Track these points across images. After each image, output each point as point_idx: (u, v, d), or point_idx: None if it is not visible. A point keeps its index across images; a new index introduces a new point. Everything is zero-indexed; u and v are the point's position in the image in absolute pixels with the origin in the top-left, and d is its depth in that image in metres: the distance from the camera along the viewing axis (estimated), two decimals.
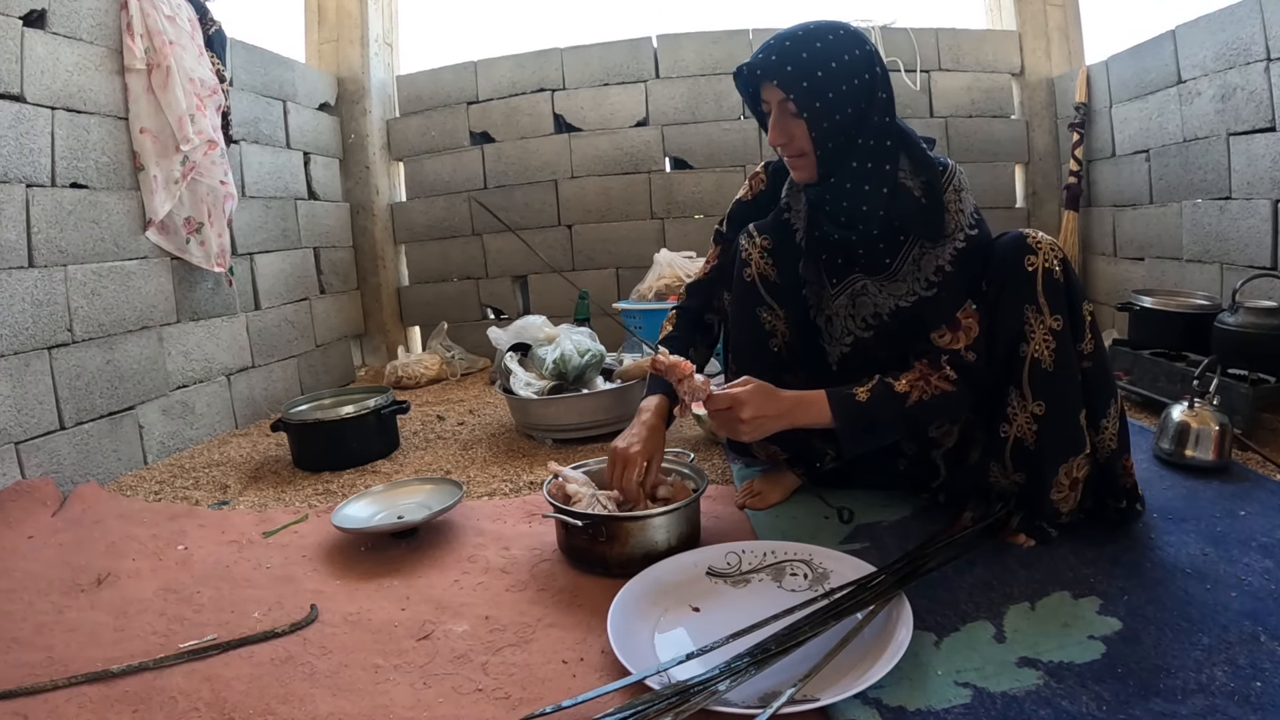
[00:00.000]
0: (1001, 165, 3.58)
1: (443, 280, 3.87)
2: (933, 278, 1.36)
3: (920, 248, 1.38)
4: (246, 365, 2.87)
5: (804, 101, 1.29)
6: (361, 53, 3.73)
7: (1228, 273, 2.48)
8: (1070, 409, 1.29)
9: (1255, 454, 1.74)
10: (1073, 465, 1.30)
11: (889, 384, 1.35)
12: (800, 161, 1.38)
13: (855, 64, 1.30)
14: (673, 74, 3.58)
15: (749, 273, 1.53)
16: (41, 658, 1.21)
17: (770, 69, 1.31)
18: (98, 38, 2.24)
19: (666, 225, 3.61)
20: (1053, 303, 1.27)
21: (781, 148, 1.37)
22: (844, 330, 1.50)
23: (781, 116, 1.34)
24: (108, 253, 2.26)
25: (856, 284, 1.46)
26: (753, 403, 1.33)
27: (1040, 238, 1.31)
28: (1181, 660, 1.00)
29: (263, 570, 1.51)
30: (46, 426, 2.04)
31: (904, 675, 1.00)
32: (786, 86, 1.30)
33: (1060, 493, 1.31)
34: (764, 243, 1.53)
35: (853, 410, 1.34)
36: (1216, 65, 2.48)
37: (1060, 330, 1.27)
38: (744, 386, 1.34)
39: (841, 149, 1.33)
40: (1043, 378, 1.28)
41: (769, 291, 1.52)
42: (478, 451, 2.28)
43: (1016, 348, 1.30)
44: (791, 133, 1.34)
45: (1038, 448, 1.31)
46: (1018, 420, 1.32)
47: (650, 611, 1.20)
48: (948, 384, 1.33)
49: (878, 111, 1.32)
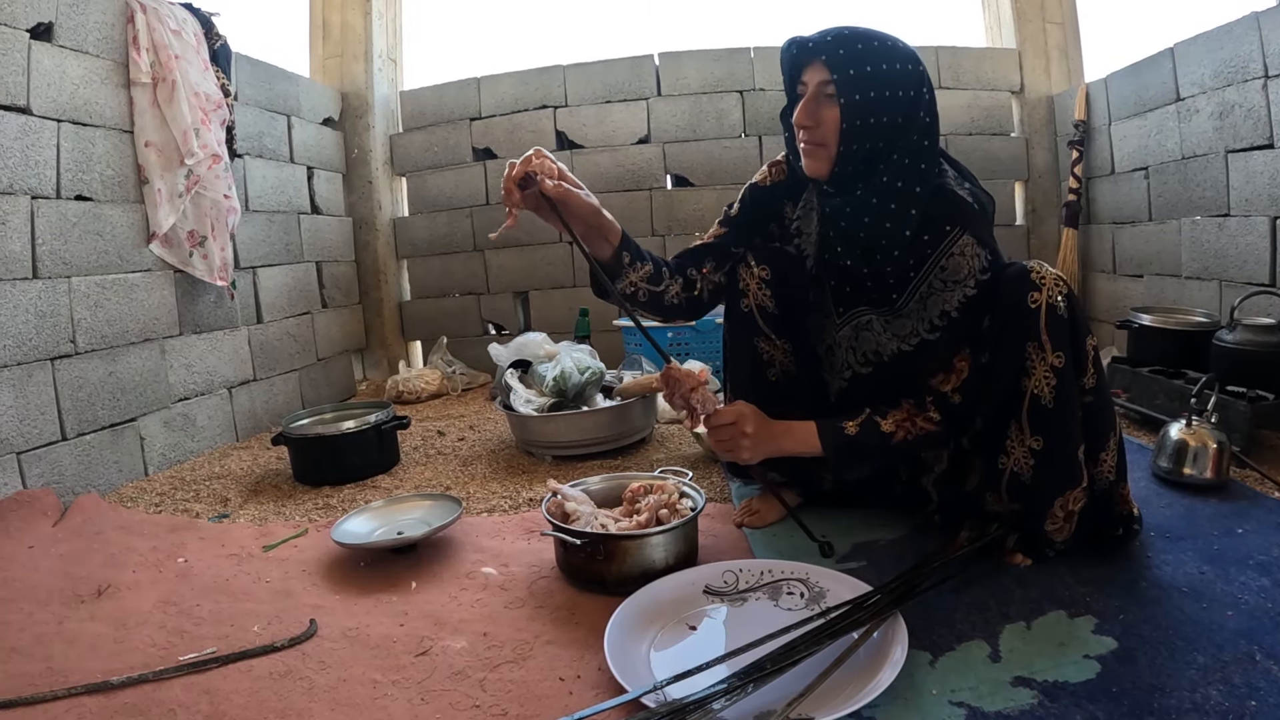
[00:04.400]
0: (1001, 183, 3.59)
1: (444, 295, 3.89)
2: (937, 321, 1.36)
3: (929, 285, 1.35)
4: (248, 378, 2.88)
5: (845, 89, 1.26)
6: (365, 68, 3.77)
7: (1226, 290, 2.49)
8: (1068, 445, 1.29)
9: (1253, 472, 1.74)
10: (1069, 499, 1.30)
11: (876, 422, 1.38)
12: (818, 151, 1.33)
13: (906, 77, 1.28)
14: (674, 92, 3.61)
15: (746, 303, 1.52)
16: (41, 668, 1.21)
17: (822, 46, 1.27)
18: (104, 51, 2.26)
19: (668, 242, 3.61)
20: (1055, 339, 1.26)
21: (805, 131, 1.33)
22: (844, 364, 1.50)
23: (816, 98, 1.30)
24: (111, 265, 2.27)
25: (862, 317, 1.45)
26: (753, 419, 1.37)
27: (1045, 272, 1.28)
28: (1177, 680, 1.00)
29: (262, 584, 1.52)
30: (48, 437, 2.05)
31: (899, 695, 1.00)
32: (833, 67, 1.26)
33: (1054, 524, 1.31)
34: (762, 273, 1.52)
35: (842, 442, 1.39)
36: (1215, 83, 2.49)
37: (1061, 368, 1.26)
38: (738, 407, 1.38)
39: (867, 156, 1.30)
40: (1042, 414, 1.28)
41: (766, 322, 1.52)
42: (477, 468, 2.29)
43: (1018, 382, 1.29)
44: (821, 117, 1.30)
45: (1034, 481, 1.31)
46: (1015, 454, 1.32)
47: (647, 629, 1.20)
48: (931, 424, 1.37)
49: (918, 131, 1.30)
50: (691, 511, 1.46)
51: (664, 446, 2.39)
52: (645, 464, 2.20)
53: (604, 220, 1.42)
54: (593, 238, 1.44)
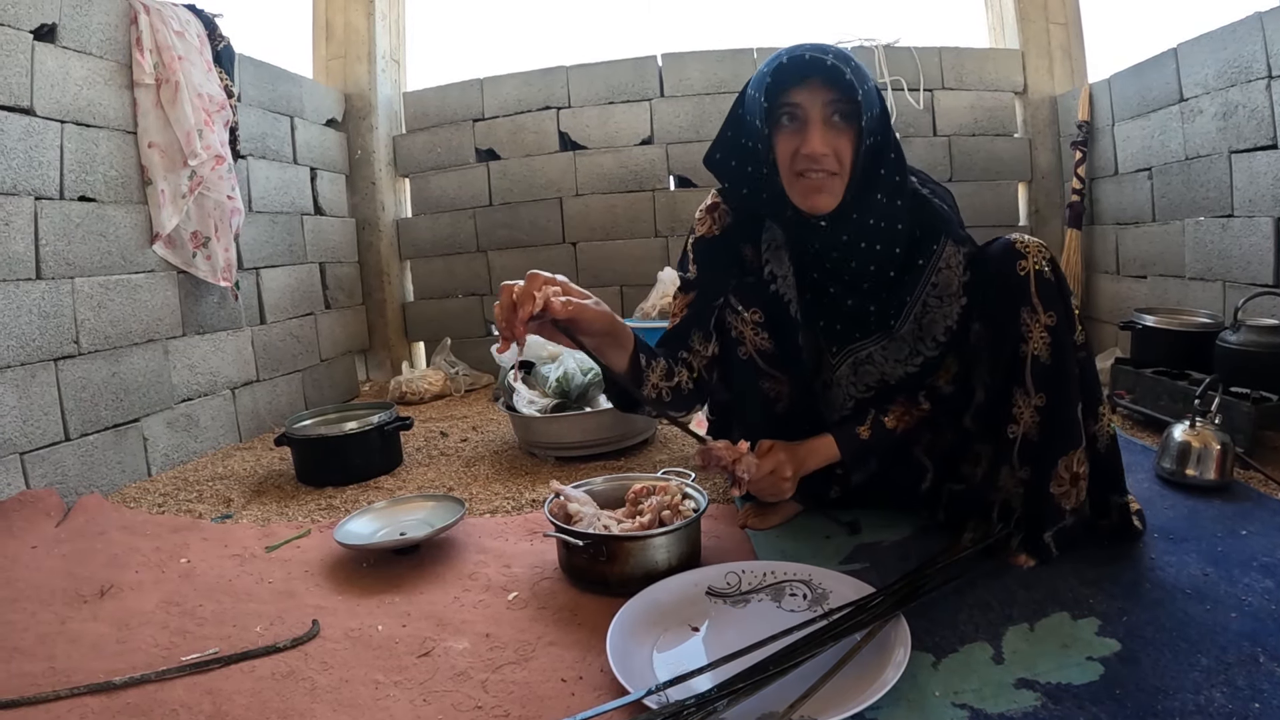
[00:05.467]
0: (1005, 184, 3.59)
1: (447, 296, 3.89)
2: (941, 338, 1.40)
3: (923, 305, 1.38)
4: (251, 379, 2.88)
5: (864, 105, 1.19)
6: (369, 69, 3.77)
7: (1230, 291, 2.48)
8: (1068, 401, 1.30)
9: (1257, 473, 1.73)
10: (1071, 459, 1.30)
11: (882, 421, 1.46)
12: (830, 183, 1.26)
13: (877, 89, 1.28)
14: (677, 93, 3.61)
15: (744, 351, 1.48)
16: (43, 668, 1.21)
17: (829, 66, 1.19)
18: (107, 52, 2.26)
19: (670, 243, 3.61)
20: (1046, 301, 1.29)
21: (816, 161, 1.23)
22: (845, 397, 1.51)
23: (826, 124, 1.23)
24: (115, 266, 2.28)
25: (860, 352, 1.46)
26: (790, 460, 1.42)
27: (1027, 241, 1.31)
28: (1180, 682, 0.99)
29: (265, 584, 1.52)
30: (51, 437, 2.06)
31: (901, 696, 1.00)
32: (844, 85, 1.18)
33: (1061, 486, 1.31)
34: (754, 316, 1.46)
35: (858, 447, 1.47)
36: (1218, 83, 2.49)
37: (1055, 325, 1.28)
38: (774, 453, 1.42)
39: (865, 178, 1.28)
40: (1042, 371, 1.30)
41: (768, 363, 1.49)
42: (480, 468, 2.29)
43: (1017, 349, 1.31)
44: (835, 144, 1.23)
45: (1040, 439, 1.32)
46: (1024, 417, 1.33)
47: (650, 631, 1.20)
48: (923, 412, 1.47)
49: (892, 145, 1.30)
50: (694, 513, 1.46)
51: (667, 448, 2.38)
52: (648, 465, 2.20)
53: (617, 326, 1.27)
54: (607, 347, 1.29)
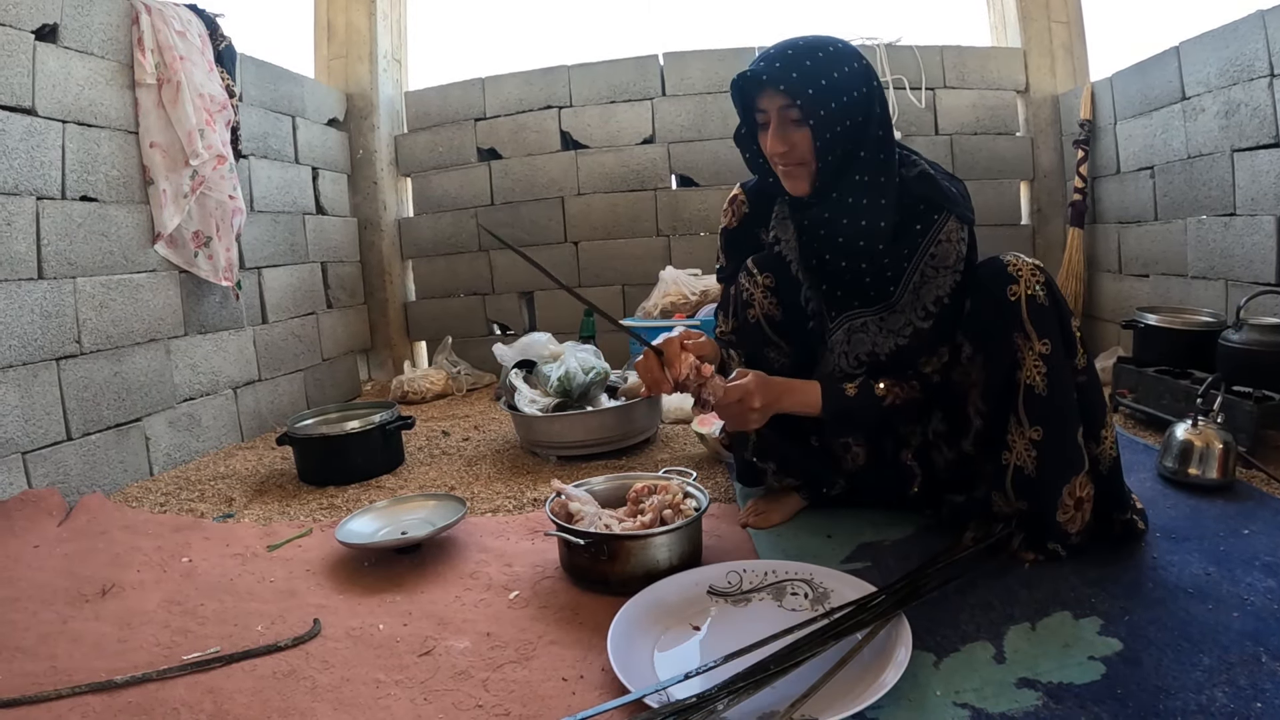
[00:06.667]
0: (1007, 182, 3.59)
1: (449, 296, 3.89)
2: (931, 308, 1.38)
3: (921, 274, 1.38)
4: (253, 379, 2.88)
5: (809, 108, 1.27)
6: (370, 69, 3.77)
7: (1233, 289, 2.48)
8: (1067, 430, 1.30)
9: (1260, 472, 1.73)
10: (1075, 485, 1.30)
11: (871, 385, 1.43)
12: (799, 170, 1.36)
13: (854, 76, 1.30)
14: (679, 92, 3.60)
15: (753, 314, 1.53)
16: (45, 667, 1.21)
17: (775, 75, 1.28)
18: (109, 52, 2.27)
19: (672, 242, 3.62)
20: (1039, 327, 1.28)
21: (780, 156, 1.35)
22: (835, 367, 1.50)
23: (782, 124, 1.32)
24: (116, 265, 2.28)
25: (856, 319, 1.46)
26: (760, 391, 1.37)
27: (1020, 264, 1.31)
28: (1182, 681, 0.99)
29: (266, 584, 1.52)
30: (53, 437, 2.06)
31: (903, 695, 1.00)
32: (792, 92, 1.27)
33: (1066, 514, 1.31)
34: (766, 280, 1.53)
35: (841, 404, 1.43)
36: (1220, 81, 2.48)
37: (1050, 354, 1.28)
38: (745, 379, 1.38)
39: (840, 161, 1.33)
40: (1037, 403, 1.29)
41: (774, 330, 1.53)
42: (482, 468, 2.29)
43: (1011, 375, 1.31)
44: (792, 140, 1.32)
45: (1038, 473, 1.31)
46: (1017, 447, 1.33)
47: (651, 630, 1.20)
48: (914, 391, 1.44)
49: (876, 125, 1.33)
50: (696, 512, 1.46)
51: (668, 447, 2.38)
52: (650, 464, 2.20)
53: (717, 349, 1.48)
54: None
